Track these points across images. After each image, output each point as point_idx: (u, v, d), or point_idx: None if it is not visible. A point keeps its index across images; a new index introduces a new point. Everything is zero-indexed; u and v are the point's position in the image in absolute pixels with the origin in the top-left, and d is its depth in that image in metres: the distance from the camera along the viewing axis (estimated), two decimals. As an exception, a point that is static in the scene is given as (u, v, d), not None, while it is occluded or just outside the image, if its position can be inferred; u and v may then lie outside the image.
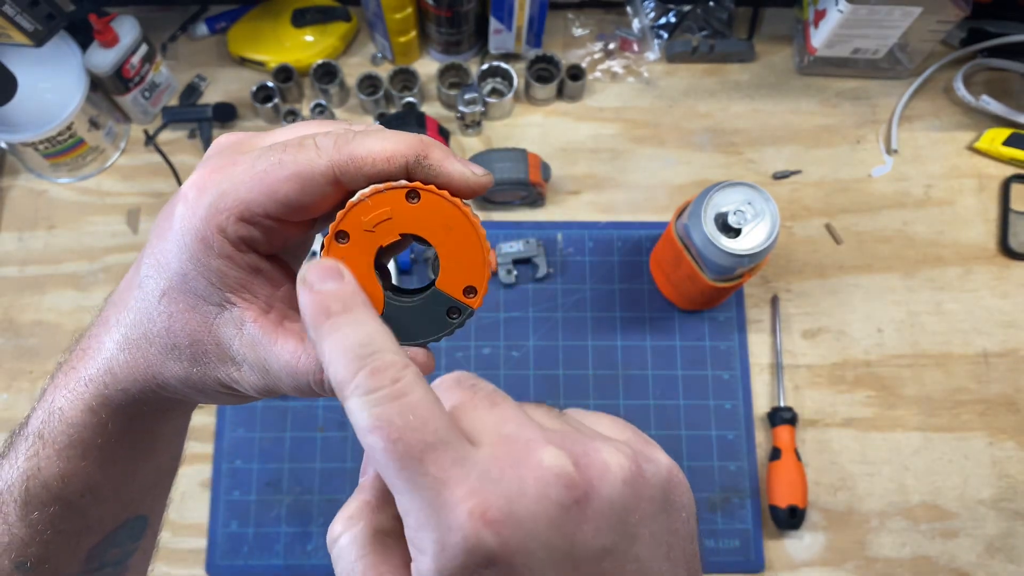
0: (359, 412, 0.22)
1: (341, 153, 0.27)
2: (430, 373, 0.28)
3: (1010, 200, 0.80)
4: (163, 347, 0.30)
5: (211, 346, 0.29)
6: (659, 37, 0.86)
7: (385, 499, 0.25)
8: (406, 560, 0.24)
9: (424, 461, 0.22)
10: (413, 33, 0.81)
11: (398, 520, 0.24)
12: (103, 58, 0.73)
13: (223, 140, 0.31)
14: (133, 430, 0.33)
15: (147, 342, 0.30)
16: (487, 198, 0.77)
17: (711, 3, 0.85)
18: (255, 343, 0.29)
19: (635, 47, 0.85)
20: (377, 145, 0.27)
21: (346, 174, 0.27)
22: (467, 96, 0.79)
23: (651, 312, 0.76)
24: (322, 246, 0.29)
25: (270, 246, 0.29)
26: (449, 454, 0.22)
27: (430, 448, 0.22)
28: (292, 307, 0.30)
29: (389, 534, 0.25)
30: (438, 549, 0.22)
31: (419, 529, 0.22)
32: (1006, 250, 0.78)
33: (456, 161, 0.28)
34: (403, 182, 0.28)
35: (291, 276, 0.31)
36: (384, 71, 0.83)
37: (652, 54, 0.85)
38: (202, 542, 0.70)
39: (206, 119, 0.80)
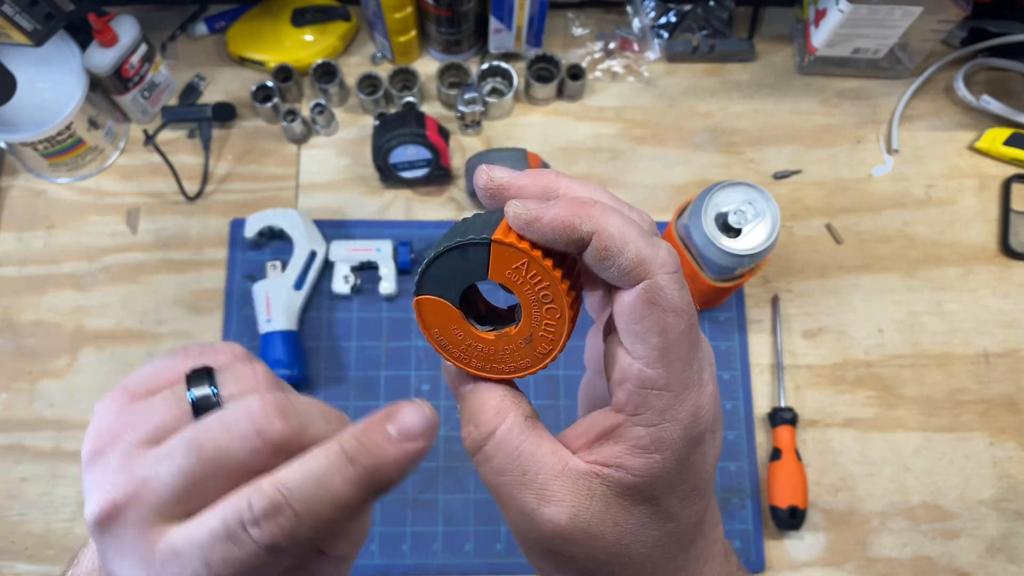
0: (672, 287, 0.26)
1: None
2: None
3: (1011, 200, 0.80)
4: None
5: None
6: (659, 37, 0.85)
7: (517, 395, 0.29)
8: (552, 438, 0.28)
9: (697, 342, 0.27)
10: (413, 33, 0.81)
11: (532, 409, 0.29)
12: (102, 58, 0.73)
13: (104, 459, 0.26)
14: None
15: None
16: (487, 198, 0.77)
17: (711, 3, 0.85)
18: None
19: (635, 47, 0.85)
20: (322, 427, 0.26)
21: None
22: (467, 96, 0.79)
23: (651, 312, 0.76)
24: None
25: None
26: (700, 335, 0.27)
27: (697, 329, 0.27)
28: None
29: (531, 417, 0.28)
30: (692, 421, 0.26)
31: (678, 403, 0.26)
32: (1007, 250, 0.78)
33: (392, 447, 0.26)
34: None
35: None
36: (384, 71, 0.83)
37: (652, 54, 0.85)
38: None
39: (205, 119, 0.79)
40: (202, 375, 0.27)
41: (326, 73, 0.81)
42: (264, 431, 0.25)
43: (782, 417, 0.72)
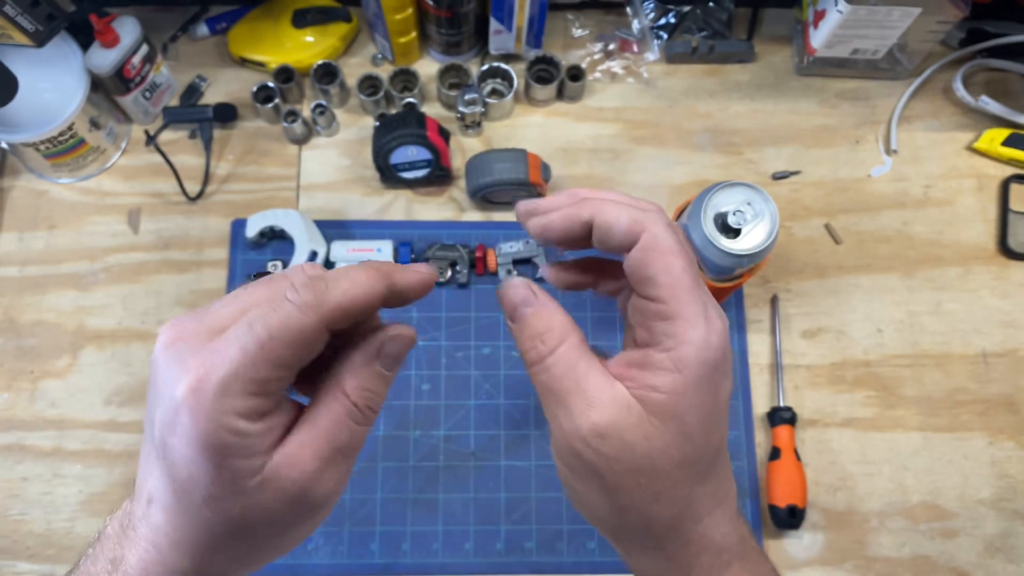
0: (665, 234, 0.32)
1: (325, 307, 0.30)
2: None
3: (1009, 200, 0.80)
4: (227, 539, 0.31)
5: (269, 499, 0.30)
6: (659, 38, 0.86)
7: (573, 321, 0.34)
8: (600, 361, 0.34)
9: (699, 286, 0.32)
10: (413, 34, 0.81)
11: (583, 335, 0.34)
12: (104, 58, 0.73)
13: (170, 332, 0.30)
14: None
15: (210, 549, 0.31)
16: (487, 198, 0.77)
17: (710, 4, 0.85)
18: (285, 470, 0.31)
19: (635, 48, 0.85)
20: (353, 289, 0.30)
21: (335, 322, 0.30)
22: (467, 97, 0.79)
23: (651, 312, 0.76)
24: None
25: (276, 399, 0.30)
26: (703, 285, 0.33)
27: (698, 276, 0.32)
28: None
29: (584, 341, 0.34)
30: (703, 344, 0.31)
31: (690, 328, 0.31)
32: (1005, 250, 0.79)
33: (411, 272, 0.33)
34: None
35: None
36: (384, 72, 0.83)
37: (652, 55, 0.85)
38: (202, 542, 0.70)
39: (207, 119, 0.80)
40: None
41: (327, 74, 0.81)
42: (308, 269, 0.31)
43: (781, 417, 0.72)
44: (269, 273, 0.76)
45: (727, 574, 0.34)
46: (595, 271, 0.38)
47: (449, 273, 0.76)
